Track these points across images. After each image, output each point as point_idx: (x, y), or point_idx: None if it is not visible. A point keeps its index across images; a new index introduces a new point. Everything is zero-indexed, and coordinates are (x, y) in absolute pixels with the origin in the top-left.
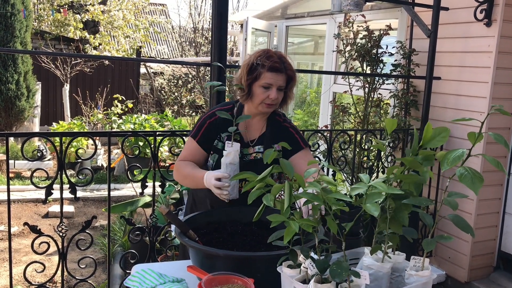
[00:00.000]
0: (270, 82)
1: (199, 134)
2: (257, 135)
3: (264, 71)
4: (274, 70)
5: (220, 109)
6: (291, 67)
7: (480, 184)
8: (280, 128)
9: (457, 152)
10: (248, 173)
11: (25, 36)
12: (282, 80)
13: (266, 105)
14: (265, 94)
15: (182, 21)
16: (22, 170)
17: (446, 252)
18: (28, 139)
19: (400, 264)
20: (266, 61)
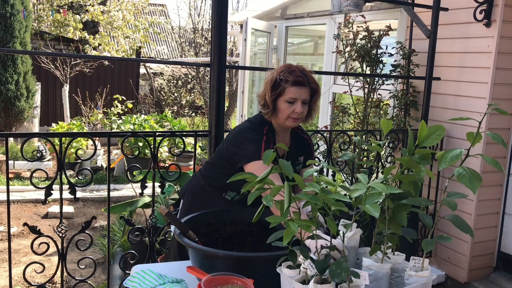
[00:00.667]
0: (294, 97)
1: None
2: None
3: (288, 86)
4: (298, 84)
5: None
6: (313, 80)
7: (478, 184)
8: (301, 140)
9: (455, 151)
10: (247, 173)
11: (25, 36)
12: (306, 93)
13: (292, 120)
14: (291, 108)
15: (182, 21)
16: (22, 170)
17: (445, 252)
18: (27, 140)
19: (400, 265)
20: (289, 76)
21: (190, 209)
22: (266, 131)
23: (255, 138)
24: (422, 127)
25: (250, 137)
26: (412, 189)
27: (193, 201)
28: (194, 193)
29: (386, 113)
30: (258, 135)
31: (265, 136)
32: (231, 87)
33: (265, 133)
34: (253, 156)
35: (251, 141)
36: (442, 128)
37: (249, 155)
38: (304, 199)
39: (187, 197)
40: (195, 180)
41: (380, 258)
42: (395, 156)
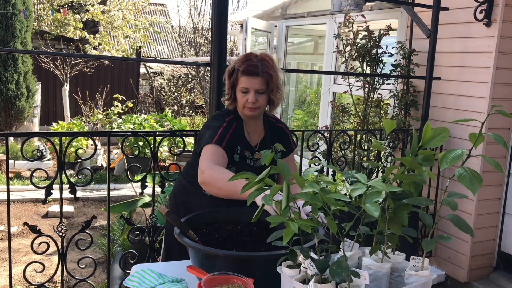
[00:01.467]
0: (246, 86)
1: (224, 141)
2: (257, 138)
3: (240, 75)
4: (249, 73)
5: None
6: (269, 69)
7: (478, 185)
8: (276, 129)
9: (456, 152)
10: (248, 173)
11: (26, 36)
12: (258, 83)
13: (248, 109)
14: (244, 98)
15: (182, 21)
16: (22, 170)
17: (445, 252)
18: (28, 139)
19: (400, 264)
20: (241, 65)
21: (174, 210)
22: (229, 119)
23: (215, 125)
24: (427, 129)
25: (210, 125)
26: (413, 189)
27: (176, 202)
28: (176, 195)
29: (386, 113)
30: (219, 122)
31: (226, 123)
32: None
33: (227, 120)
34: (207, 141)
35: (210, 128)
36: (447, 130)
37: (204, 141)
38: (302, 199)
39: (171, 200)
40: (177, 182)
41: (380, 257)
42: (395, 155)
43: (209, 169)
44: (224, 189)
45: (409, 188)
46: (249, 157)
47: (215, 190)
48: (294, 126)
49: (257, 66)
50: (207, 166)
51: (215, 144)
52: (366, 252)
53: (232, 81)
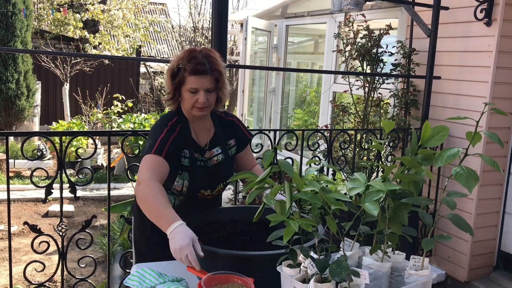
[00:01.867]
0: (195, 87)
1: (165, 149)
2: (207, 137)
3: (187, 75)
4: (197, 73)
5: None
6: (217, 66)
7: (475, 183)
8: (227, 123)
9: (452, 150)
10: (248, 173)
11: (26, 35)
12: (208, 82)
13: (197, 109)
14: (194, 98)
15: (182, 20)
16: (22, 169)
17: (446, 251)
18: (28, 139)
19: (400, 264)
20: (188, 64)
21: (140, 225)
22: (172, 122)
23: (156, 133)
24: (426, 128)
25: (152, 132)
26: (413, 189)
27: (140, 215)
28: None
29: (386, 112)
30: (161, 128)
31: (167, 128)
32: (231, 86)
33: (169, 125)
34: (147, 151)
35: (151, 137)
36: (446, 128)
37: (144, 152)
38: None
39: (135, 214)
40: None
41: (380, 257)
42: (395, 155)
43: (145, 186)
44: (150, 214)
45: (409, 188)
46: (199, 159)
47: (143, 208)
48: (294, 126)
49: (205, 64)
50: (143, 180)
51: (154, 154)
52: (366, 252)
53: (178, 81)
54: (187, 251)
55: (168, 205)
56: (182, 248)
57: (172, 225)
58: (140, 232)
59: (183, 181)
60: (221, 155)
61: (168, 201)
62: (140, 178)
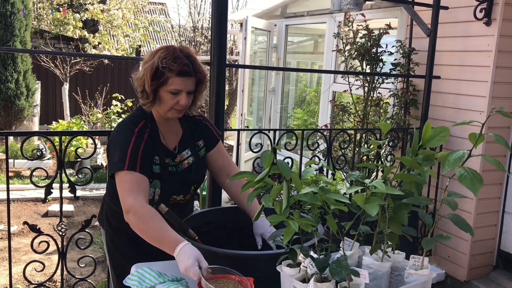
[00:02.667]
0: (179, 88)
1: (138, 163)
2: (175, 139)
3: (172, 75)
4: (184, 74)
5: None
6: (201, 67)
7: (479, 186)
8: (195, 123)
9: (457, 153)
10: (247, 173)
11: (25, 35)
12: (191, 84)
13: (175, 111)
14: (174, 100)
15: (182, 20)
16: (22, 169)
17: (445, 251)
18: (27, 138)
19: (400, 263)
20: (174, 65)
21: (114, 238)
22: (139, 128)
23: (123, 142)
24: (427, 128)
25: (118, 141)
26: (414, 189)
27: (113, 229)
28: (110, 221)
29: (386, 112)
30: (127, 136)
31: (135, 136)
32: (231, 86)
33: (136, 132)
34: (118, 166)
35: (117, 147)
36: (447, 129)
37: (114, 165)
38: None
39: (107, 227)
40: (105, 206)
41: (380, 256)
42: (395, 155)
43: (131, 213)
44: (150, 241)
45: (410, 188)
46: (170, 164)
47: (141, 235)
48: (294, 125)
49: (189, 65)
50: (129, 207)
51: (128, 170)
52: (366, 251)
53: (162, 81)
54: (191, 272)
55: (165, 228)
56: (187, 270)
57: (176, 250)
58: (114, 244)
59: (154, 189)
60: (192, 157)
61: (163, 222)
62: (125, 206)
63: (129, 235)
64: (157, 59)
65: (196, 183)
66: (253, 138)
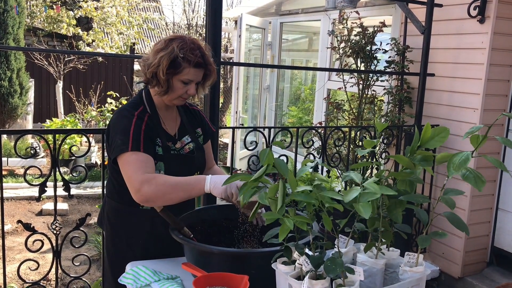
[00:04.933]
0: (192, 79)
1: (141, 142)
2: (175, 126)
3: (188, 66)
4: (199, 66)
5: (138, 112)
6: (210, 59)
7: (483, 184)
8: (192, 113)
9: (462, 156)
10: (243, 175)
11: (18, 32)
12: (201, 75)
13: (182, 99)
14: (184, 89)
15: (176, 17)
16: (15, 167)
17: (440, 248)
18: (21, 137)
19: (394, 260)
20: (191, 56)
21: (115, 239)
22: (139, 112)
23: (124, 125)
24: (427, 129)
25: (119, 125)
26: (408, 188)
27: (113, 228)
28: (111, 220)
29: (380, 109)
30: (127, 120)
31: (135, 118)
32: (225, 84)
33: (136, 115)
34: (121, 149)
35: (119, 130)
36: (447, 130)
37: (117, 149)
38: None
39: (107, 227)
40: (106, 205)
41: (374, 254)
42: (389, 152)
43: (145, 186)
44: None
45: (405, 187)
46: (172, 148)
47: (164, 202)
48: (289, 123)
49: (202, 57)
50: (140, 182)
51: (132, 151)
52: (361, 249)
53: (178, 71)
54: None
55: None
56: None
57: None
58: (114, 246)
59: (159, 172)
60: (192, 143)
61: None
62: (136, 182)
63: (129, 236)
64: (176, 48)
65: (199, 169)
66: (248, 136)
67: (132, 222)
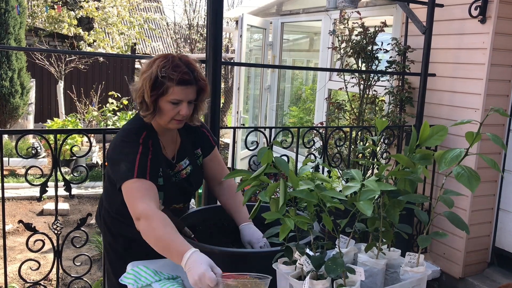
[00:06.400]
0: (180, 98)
1: (147, 172)
2: (174, 148)
3: (172, 85)
4: (184, 83)
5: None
6: (201, 75)
7: (477, 183)
8: (192, 131)
9: (454, 152)
10: (244, 171)
11: (19, 32)
12: (192, 93)
13: (176, 121)
14: (175, 110)
15: (177, 17)
16: (17, 167)
17: (440, 248)
18: (22, 137)
19: (395, 261)
20: (174, 73)
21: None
22: (143, 139)
23: (128, 152)
24: (425, 127)
25: (123, 152)
26: (408, 187)
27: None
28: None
29: (381, 110)
30: (132, 146)
31: (141, 147)
32: (226, 84)
33: (141, 143)
34: (127, 176)
35: (123, 158)
36: (445, 128)
37: (122, 175)
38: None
39: (103, 229)
40: (103, 211)
41: (375, 254)
42: (390, 152)
43: (142, 221)
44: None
45: (405, 186)
46: (171, 175)
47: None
48: (290, 123)
49: (189, 73)
50: (139, 214)
51: (137, 178)
52: (362, 249)
53: (162, 91)
54: (207, 277)
55: (174, 234)
56: (201, 277)
57: (184, 257)
58: (112, 249)
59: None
60: (189, 166)
61: (173, 228)
62: (136, 212)
63: (128, 238)
64: (156, 68)
65: (196, 188)
66: (249, 136)
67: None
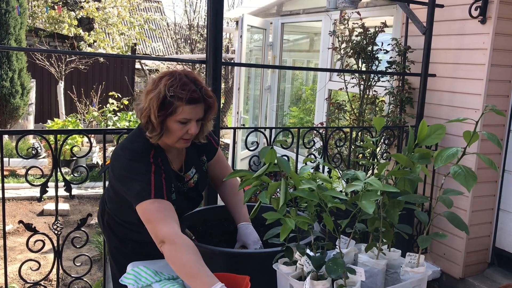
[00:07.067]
0: (189, 117)
1: (164, 192)
2: (181, 158)
3: (181, 104)
4: (194, 102)
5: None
6: (209, 92)
7: (473, 182)
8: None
9: (451, 150)
10: (243, 171)
11: (20, 33)
12: (201, 111)
13: (184, 141)
14: (184, 129)
15: (177, 18)
16: (17, 168)
17: (441, 248)
18: (22, 137)
19: (396, 261)
20: (182, 92)
21: (118, 246)
22: (152, 157)
23: (141, 171)
24: (423, 126)
25: (135, 171)
26: (408, 187)
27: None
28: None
29: (381, 110)
30: (144, 166)
31: (154, 166)
32: (226, 84)
33: (152, 162)
34: (142, 196)
35: (136, 178)
36: (443, 127)
37: (137, 195)
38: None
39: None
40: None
41: (376, 254)
42: (390, 152)
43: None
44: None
45: (404, 187)
46: (182, 187)
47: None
48: (290, 123)
49: (197, 91)
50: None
51: (155, 198)
52: (362, 249)
53: (170, 112)
54: None
55: (200, 263)
56: None
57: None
58: (119, 252)
59: None
60: (196, 175)
61: (198, 255)
62: (159, 235)
63: (136, 242)
64: (163, 87)
65: (202, 198)
66: (249, 136)
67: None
